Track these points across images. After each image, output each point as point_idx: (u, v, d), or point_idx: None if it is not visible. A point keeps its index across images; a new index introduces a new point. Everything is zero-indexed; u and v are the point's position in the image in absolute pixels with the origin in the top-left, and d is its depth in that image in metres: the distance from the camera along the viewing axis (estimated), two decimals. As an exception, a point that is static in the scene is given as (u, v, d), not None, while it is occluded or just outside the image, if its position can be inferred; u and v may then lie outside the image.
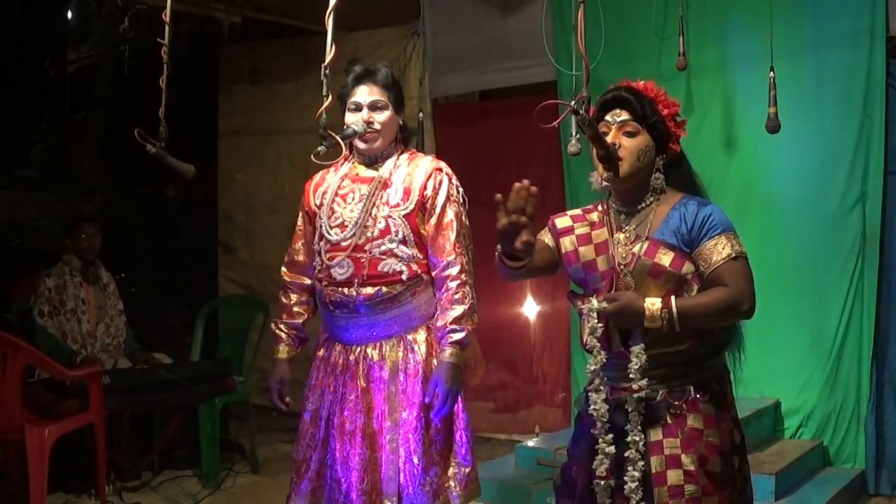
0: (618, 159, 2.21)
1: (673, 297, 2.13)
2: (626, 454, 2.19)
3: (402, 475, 2.63)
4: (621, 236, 2.27)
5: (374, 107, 2.72)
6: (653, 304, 2.12)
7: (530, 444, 4.57)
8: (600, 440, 2.23)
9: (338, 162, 2.83)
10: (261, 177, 6.56)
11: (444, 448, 2.69)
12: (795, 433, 4.53)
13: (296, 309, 2.88)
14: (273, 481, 4.81)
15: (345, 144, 2.54)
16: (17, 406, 3.80)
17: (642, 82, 2.32)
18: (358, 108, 2.72)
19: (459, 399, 2.73)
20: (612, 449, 2.21)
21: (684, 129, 2.31)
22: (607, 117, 2.26)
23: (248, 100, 6.61)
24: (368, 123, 2.71)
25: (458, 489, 2.68)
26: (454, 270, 2.67)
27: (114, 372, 4.46)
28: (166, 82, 2.85)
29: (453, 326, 2.64)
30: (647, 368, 2.18)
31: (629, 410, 2.19)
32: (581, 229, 2.36)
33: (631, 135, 2.23)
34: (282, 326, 2.89)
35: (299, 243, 2.89)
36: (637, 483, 2.17)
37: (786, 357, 4.52)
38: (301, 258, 2.88)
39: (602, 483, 2.22)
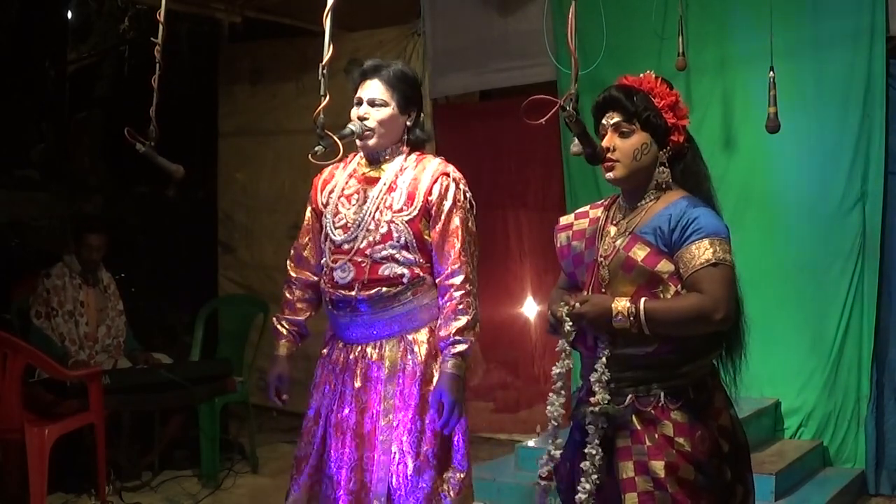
0: (605, 160, 2.18)
1: (643, 299, 2.08)
2: (581, 465, 2.15)
3: (394, 477, 2.60)
4: (612, 230, 2.26)
5: (372, 103, 2.67)
6: (621, 302, 2.08)
7: (531, 443, 4.56)
8: (550, 442, 2.20)
9: (347, 158, 2.80)
10: (261, 177, 6.56)
11: (439, 452, 2.64)
12: (795, 433, 4.53)
13: (299, 305, 2.84)
14: (273, 481, 4.80)
15: (342, 144, 2.51)
16: (17, 406, 3.80)
17: (641, 75, 2.28)
18: (359, 102, 2.69)
19: None
20: (557, 453, 2.19)
21: (686, 118, 2.25)
22: (603, 121, 2.24)
23: (248, 100, 6.61)
24: (362, 119, 2.66)
25: (452, 494, 2.63)
26: (458, 280, 2.62)
27: (114, 372, 4.45)
28: (161, 82, 2.83)
29: (457, 337, 2.59)
30: (617, 371, 2.14)
31: (586, 422, 2.15)
32: (579, 225, 2.36)
33: (625, 135, 2.20)
34: (283, 322, 2.84)
35: (306, 238, 2.84)
36: (588, 495, 2.12)
37: (786, 357, 4.52)
38: (307, 254, 2.83)
39: (541, 484, 2.21)
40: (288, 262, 2.88)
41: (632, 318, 2.07)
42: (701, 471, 2.11)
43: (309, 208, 2.86)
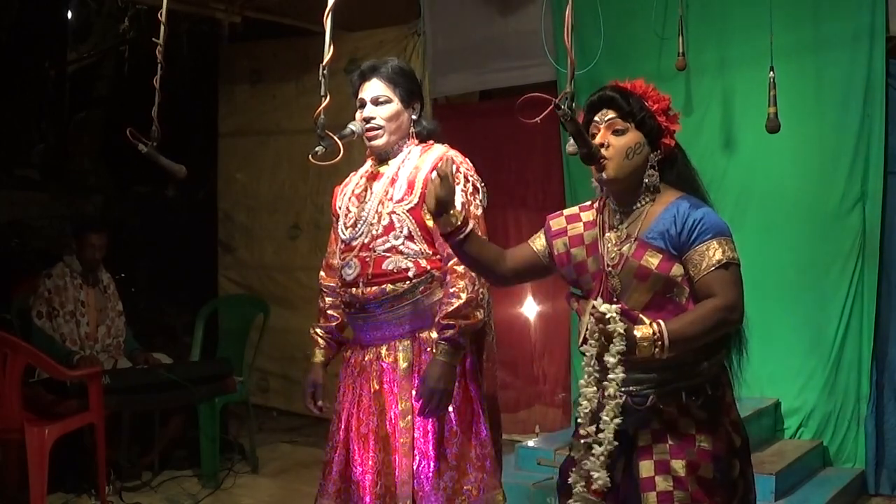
0: (601, 158, 2.17)
1: (662, 323, 2.00)
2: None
3: (415, 478, 2.58)
4: (612, 236, 2.23)
5: (375, 101, 2.66)
6: (641, 330, 1.98)
7: (530, 444, 4.57)
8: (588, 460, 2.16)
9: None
10: (261, 177, 6.56)
11: (461, 452, 2.61)
12: (795, 433, 4.53)
13: (329, 312, 2.83)
14: (273, 481, 4.81)
15: (342, 144, 2.51)
16: (17, 406, 3.80)
17: (629, 82, 2.27)
18: (363, 104, 2.69)
19: (480, 402, 2.64)
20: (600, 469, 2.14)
21: (677, 123, 2.25)
22: (595, 118, 2.23)
23: (248, 100, 6.62)
24: (368, 120, 2.65)
25: (474, 492, 2.59)
26: (452, 262, 2.57)
27: (114, 372, 4.45)
28: (162, 82, 2.83)
29: (445, 322, 2.54)
30: (639, 373, 2.11)
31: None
32: (574, 230, 2.34)
33: (619, 133, 2.19)
34: (317, 330, 2.84)
35: (333, 247, 2.84)
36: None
37: (786, 357, 4.52)
38: (333, 261, 2.82)
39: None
40: (321, 271, 2.87)
41: (657, 347, 1.98)
42: (718, 468, 2.13)
43: (333, 217, 2.85)
